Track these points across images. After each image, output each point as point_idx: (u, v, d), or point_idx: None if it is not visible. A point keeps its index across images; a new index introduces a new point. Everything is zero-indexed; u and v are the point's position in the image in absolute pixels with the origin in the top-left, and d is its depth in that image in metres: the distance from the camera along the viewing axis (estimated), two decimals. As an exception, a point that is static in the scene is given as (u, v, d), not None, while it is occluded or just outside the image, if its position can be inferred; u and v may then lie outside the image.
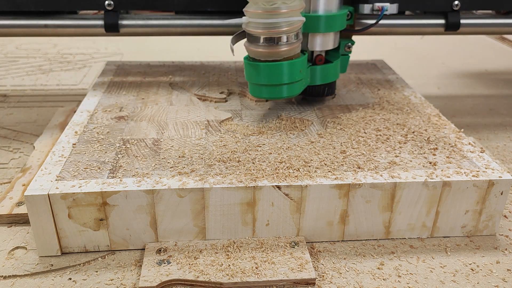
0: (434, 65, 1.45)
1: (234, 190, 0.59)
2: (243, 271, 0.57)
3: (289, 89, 0.72)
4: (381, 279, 0.58)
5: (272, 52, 0.69)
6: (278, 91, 0.71)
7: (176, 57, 1.45)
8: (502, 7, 0.89)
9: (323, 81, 0.78)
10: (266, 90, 0.72)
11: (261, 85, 0.71)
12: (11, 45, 1.56)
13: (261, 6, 0.66)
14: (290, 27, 0.67)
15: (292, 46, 0.69)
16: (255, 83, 0.72)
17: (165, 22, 0.86)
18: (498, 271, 0.60)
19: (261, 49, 0.69)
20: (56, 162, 0.63)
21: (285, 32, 0.68)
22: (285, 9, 0.66)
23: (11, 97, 1.12)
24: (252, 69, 0.71)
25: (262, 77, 0.70)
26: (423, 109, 0.81)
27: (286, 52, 0.69)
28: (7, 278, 0.57)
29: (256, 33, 0.68)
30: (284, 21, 0.67)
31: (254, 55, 0.70)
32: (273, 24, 0.67)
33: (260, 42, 0.69)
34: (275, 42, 0.68)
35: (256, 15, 0.67)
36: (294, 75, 0.71)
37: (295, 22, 0.68)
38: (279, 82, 0.70)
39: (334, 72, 0.79)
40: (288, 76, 0.70)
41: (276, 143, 0.69)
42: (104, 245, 0.61)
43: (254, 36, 0.69)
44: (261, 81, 0.71)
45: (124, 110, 0.79)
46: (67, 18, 0.85)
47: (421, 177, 0.61)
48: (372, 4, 0.77)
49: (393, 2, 0.77)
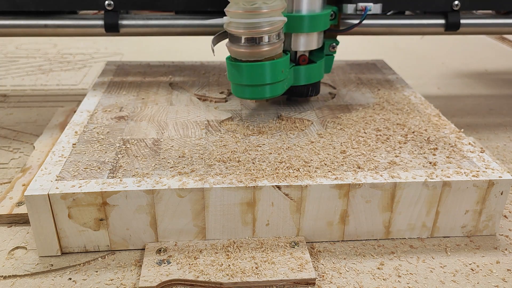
0: (434, 65, 1.45)
1: (234, 190, 0.59)
2: (243, 271, 0.57)
3: (272, 89, 0.71)
4: (381, 279, 0.58)
5: (254, 52, 0.68)
6: (261, 91, 0.71)
7: (176, 57, 1.45)
8: (502, 7, 0.89)
9: (307, 81, 0.78)
10: (249, 90, 0.71)
11: (243, 85, 0.71)
12: (11, 45, 1.56)
13: (242, 6, 0.66)
14: (272, 27, 0.67)
15: (274, 46, 0.69)
16: (237, 83, 0.72)
17: (165, 22, 0.86)
18: (498, 271, 0.60)
19: (242, 49, 0.69)
20: (56, 162, 0.63)
21: (266, 32, 0.67)
22: (266, 9, 0.66)
23: (11, 97, 1.12)
24: (234, 69, 0.71)
25: (244, 78, 0.70)
26: (423, 109, 0.81)
27: (267, 52, 0.69)
28: (7, 278, 0.57)
29: (237, 33, 0.68)
30: (265, 21, 0.66)
31: (236, 55, 0.70)
32: (254, 24, 0.66)
33: (241, 42, 0.69)
34: (257, 42, 0.68)
35: (237, 15, 0.67)
36: (276, 75, 0.70)
37: (277, 22, 0.68)
38: (261, 82, 0.70)
39: (318, 72, 0.79)
40: (270, 76, 0.70)
41: (276, 143, 0.69)
42: (104, 245, 0.61)
43: (235, 36, 0.69)
44: (243, 81, 0.70)
45: (124, 110, 0.79)
46: (67, 18, 0.85)
47: (421, 177, 0.61)
48: (356, 4, 0.76)
49: (376, 2, 0.77)
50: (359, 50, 1.59)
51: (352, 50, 1.58)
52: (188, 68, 1.01)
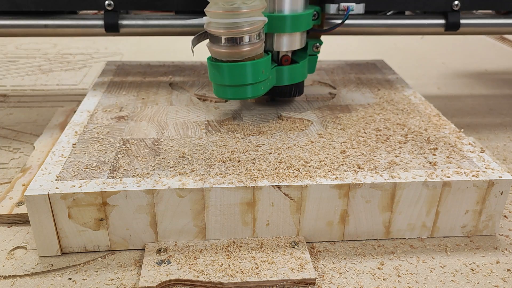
0: (434, 65, 1.45)
1: (234, 190, 0.59)
2: (243, 271, 0.57)
3: (253, 89, 0.71)
4: (381, 279, 0.58)
5: (234, 52, 0.68)
6: (242, 91, 0.71)
7: (176, 57, 1.45)
8: (502, 7, 0.89)
9: (290, 81, 0.77)
10: (230, 91, 0.71)
11: (224, 85, 0.71)
12: (11, 45, 1.56)
13: (221, 6, 0.66)
14: (252, 27, 0.67)
15: (254, 46, 0.69)
16: (218, 84, 0.72)
17: (165, 22, 0.86)
18: (498, 271, 0.60)
19: (223, 49, 0.68)
20: (56, 162, 0.63)
21: (246, 32, 0.67)
22: (246, 9, 0.66)
23: (11, 97, 1.12)
24: (215, 70, 0.70)
25: (225, 78, 0.70)
26: (423, 109, 0.81)
27: (248, 52, 0.68)
28: (7, 278, 0.57)
29: (217, 33, 0.68)
30: (245, 21, 0.66)
31: (216, 55, 0.70)
32: (234, 24, 0.66)
33: (222, 43, 0.68)
34: (237, 42, 0.68)
35: (217, 15, 0.67)
36: (257, 76, 0.70)
37: (257, 22, 0.67)
38: (242, 83, 0.70)
39: (301, 72, 0.78)
40: (251, 77, 0.69)
41: (276, 143, 0.69)
42: (104, 245, 0.61)
43: (215, 37, 0.69)
44: (225, 82, 0.70)
45: (124, 110, 0.79)
46: (67, 18, 0.85)
47: (421, 177, 0.61)
48: (338, 4, 0.76)
49: (359, 2, 0.77)
50: (359, 50, 1.59)
51: (352, 50, 1.58)
52: (188, 68, 1.01)
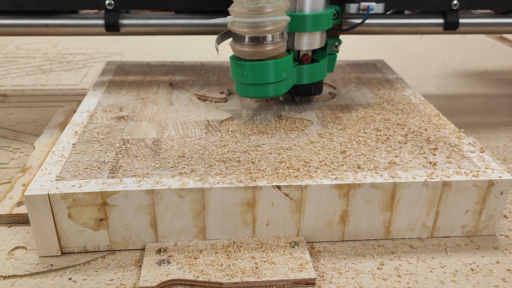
0: (434, 65, 1.45)
1: (234, 190, 0.59)
2: (243, 271, 0.57)
3: (275, 88, 0.72)
4: (381, 279, 0.58)
5: (257, 51, 0.69)
6: (264, 90, 0.71)
7: (176, 57, 1.45)
8: (501, 6, 0.89)
9: (310, 80, 0.78)
10: (252, 89, 0.72)
11: (246, 84, 0.72)
12: (11, 45, 1.56)
13: (246, 5, 0.66)
14: (275, 26, 0.67)
15: (277, 45, 0.69)
16: (241, 82, 0.72)
17: (166, 21, 0.86)
18: (498, 271, 0.60)
19: (246, 48, 0.69)
20: (56, 162, 0.63)
21: (270, 31, 0.68)
22: (270, 8, 0.66)
23: (11, 97, 1.12)
24: (237, 69, 0.71)
25: (247, 77, 0.70)
26: (423, 109, 0.81)
27: (271, 51, 0.69)
28: (7, 278, 0.57)
29: (241, 32, 0.68)
30: (268, 20, 0.67)
31: (240, 54, 0.70)
32: (258, 24, 0.67)
33: (245, 42, 0.69)
34: (260, 42, 0.68)
35: (241, 14, 0.67)
36: (279, 74, 0.71)
37: (280, 21, 0.68)
38: (264, 81, 0.70)
39: (321, 71, 0.79)
40: (274, 75, 0.70)
41: (276, 143, 0.69)
42: (104, 245, 0.61)
43: (239, 36, 0.69)
44: (247, 81, 0.71)
45: (124, 110, 0.79)
46: (67, 17, 0.85)
47: (421, 177, 0.61)
48: (358, 4, 0.77)
49: (379, 1, 0.77)
50: (359, 50, 1.59)
51: (352, 50, 1.58)
52: (188, 68, 1.01)
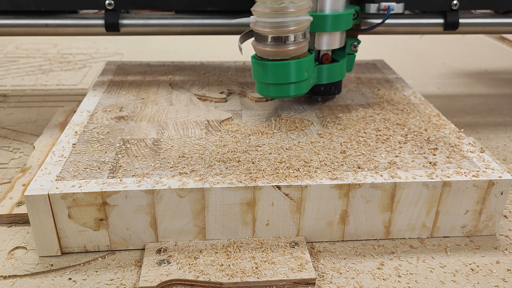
0: (434, 65, 1.45)
1: (234, 190, 0.59)
2: (243, 271, 0.57)
3: (296, 88, 0.72)
4: (381, 279, 0.58)
5: (280, 51, 0.69)
6: (286, 90, 0.72)
7: (176, 57, 1.45)
8: (501, 6, 0.89)
9: (330, 80, 0.79)
10: (273, 89, 0.72)
11: (268, 84, 0.72)
12: (11, 45, 1.56)
13: (269, 5, 0.66)
14: (298, 26, 0.68)
15: (300, 45, 0.70)
16: (262, 82, 0.73)
17: (165, 21, 0.86)
18: (498, 271, 0.60)
19: (268, 48, 0.69)
20: (56, 162, 0.63)
21: (292, 32, 0.68)
22: (293, 9, 0.66)
23: (11, 97, 1.12)
24: (259, 68, 0.71)
25: (269, 76, 0.71)
26: (423, 109, 0.81)
27: (293, 51, 0.69)
28: (7, 278, 0.57)
29: (263, 32, 0.69)
30: (291, 21, 0.67)
31: (262, 54, 0.71)
32: (281, 24, 0.67)
33: (267, 41, 0.69)
34: (283, 41, 0.68)
35: (264, 14, 0.67)
36: (301, 74, 0.71)
37: (303, 21, 0.68)
38: (286, 81, 0.71)
39: (340, 71, 0.79)
40: (296, 75, 0.71)
41: (276, 143, 0.69)
42: (104, 245, 0.61)
43: (261, 35, 0.70)
44: (269, 80, 0.71)
45: (124, 110, 0.79)
46: (67, 17, 0.85)
47: (421, 177, 0.61)
48: (379, 4, 0.77)
49: (399, 1, 0.78)
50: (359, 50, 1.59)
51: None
52: (188, 68, 1.01)
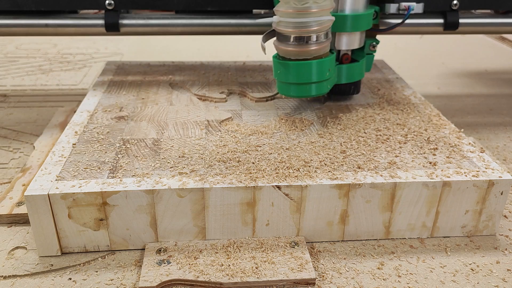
0: (434, 65, 1.45)
1: (234, 190, 0.59)
2: (243, 271, 0.57)
3: (318, 87, 0.72)
4: (381, 279, 0.58)
5: (302, 51, 0.69)
6: (307, 89, 0.72)
7: (176, 57, 1.45)
8: (501, 6, 0.89)
9: (349, 80, 0.79)
10: (295, 89, 0.72)
11: (289, 83, 0.72)
12: (11, 45, 1.56)
13: (292, 5, 0.67)
14: (320, 26, 0.68)
15: (322, 45, 0.70)
16: (283, 82, 0.73)
17: (166, 21, 0.86)
18: (498, 271, 0.60)
19: (291, 48, 0.69)
20: (56, 162, 0.63)
21: (315, 32, 0.68)
22: (316, 9, 0.67)
23: (11, 97, 1.12)
24: (281, 68, 0.72)
25: (291, 76, 0.71)
26: (423, 109, 0.81)
27: (315, 51, 0.70)
28: (7, 278, 0.57)
29: (286, 32, 0.69)
30: (314, 21, 0.67)
31: (284, 53, 0.71)
32: (304, 24, 0.67)
33: (290, 41, 0.69)
34: (305, 41, 0.69)
35: (287, 14, 0.68)
36: (323, 74, 0.71)
37: (325, 21, 0.68)
38: (308, 81, 0.71)
39: (359, 71, 0.80)
40: (317, 75, 0.71)
41: (276, 143, 0.69)
42: (104, 245, 0.61)
43: (284, 35, 0.70)
44: (290, 80, 0.71)
45: (124, 110, 0.79)
46: (67, 17, 0.85)
47: (421, 177, 0.61)
48: (398, 4, 0.77)
49: (418, 1, 0.78)
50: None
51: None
52: (188, 68, 1.01)
